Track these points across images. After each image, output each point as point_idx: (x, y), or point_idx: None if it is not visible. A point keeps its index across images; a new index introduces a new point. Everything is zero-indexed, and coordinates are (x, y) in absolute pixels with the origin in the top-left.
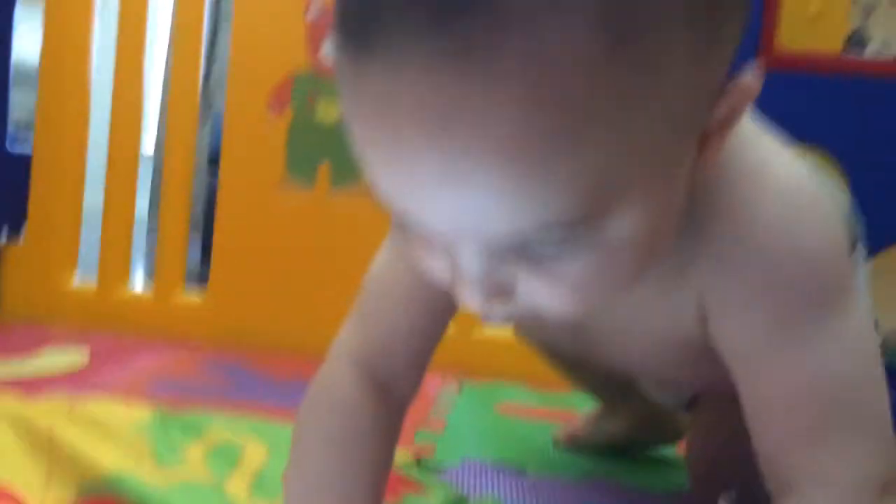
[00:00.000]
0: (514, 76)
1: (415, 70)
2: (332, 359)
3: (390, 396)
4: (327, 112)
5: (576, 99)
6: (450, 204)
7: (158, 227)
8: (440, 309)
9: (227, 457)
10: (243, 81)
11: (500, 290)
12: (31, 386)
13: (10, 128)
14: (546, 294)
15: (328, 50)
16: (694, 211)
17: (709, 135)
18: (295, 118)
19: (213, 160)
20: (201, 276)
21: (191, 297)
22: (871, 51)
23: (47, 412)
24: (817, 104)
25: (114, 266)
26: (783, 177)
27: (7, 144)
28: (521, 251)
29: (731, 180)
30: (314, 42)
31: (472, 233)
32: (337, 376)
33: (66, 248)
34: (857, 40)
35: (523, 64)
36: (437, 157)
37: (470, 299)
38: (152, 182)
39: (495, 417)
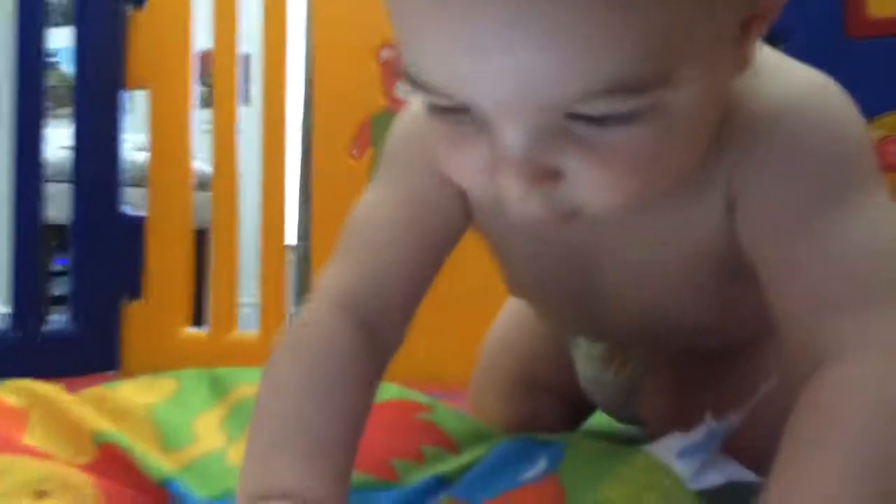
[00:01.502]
0: None
1: None
2: (316, 302)
3: (378, 343)
4: None
5: None
6: (513, 59)
7: (262, 275)
8: (435, 247)
9: (247, 415)
10: (326, 129)
11: (545, 173)
12: None
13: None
14: (595, 179)
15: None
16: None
17: (752, 19)
18: (376, 157)
19: None
20: None
21: None
22: None
23: (80, 400)
24: None
25: (224, 314)
26: (801, 69)
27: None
28: (573, 127)
29: (750, 72)
30: (388, 81)
31: (530, 97)
32: (321, 320)
33: (180, 302)
34: None
35: None
36: (500, 3)
37: (510, 184)
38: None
39: None
